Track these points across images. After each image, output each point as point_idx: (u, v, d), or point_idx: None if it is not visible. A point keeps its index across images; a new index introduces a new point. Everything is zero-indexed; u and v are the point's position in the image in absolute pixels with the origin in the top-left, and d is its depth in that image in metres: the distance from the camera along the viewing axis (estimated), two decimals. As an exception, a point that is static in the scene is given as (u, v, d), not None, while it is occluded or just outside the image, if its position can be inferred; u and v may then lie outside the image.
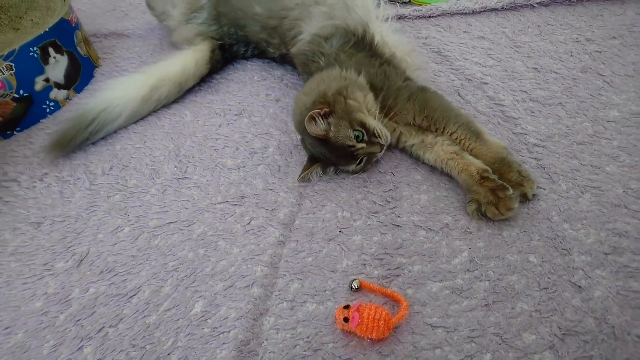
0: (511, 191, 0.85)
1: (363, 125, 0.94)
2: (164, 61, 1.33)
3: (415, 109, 1.00)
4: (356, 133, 0.94)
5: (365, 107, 0.98)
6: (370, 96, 1.00)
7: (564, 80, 1.16)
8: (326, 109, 0.94)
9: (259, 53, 1.42)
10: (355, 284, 0.79)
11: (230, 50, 1.42)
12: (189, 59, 1.33)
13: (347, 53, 1.08)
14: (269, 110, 1.24)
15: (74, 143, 1.18)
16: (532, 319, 0.72)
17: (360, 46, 1.10)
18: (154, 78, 1.27)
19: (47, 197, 1.09)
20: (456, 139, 0.96)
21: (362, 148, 0.95)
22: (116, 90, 1.24)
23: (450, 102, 1.04)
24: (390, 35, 1.16)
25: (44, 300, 0.87)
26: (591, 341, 0.68)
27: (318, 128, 0.93)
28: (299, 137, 1.08)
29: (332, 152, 0.96)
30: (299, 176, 1.00)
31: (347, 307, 0.74)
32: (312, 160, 1.00)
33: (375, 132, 0.95)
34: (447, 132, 0.97)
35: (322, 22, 1.16)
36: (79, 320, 0.83)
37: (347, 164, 0.98)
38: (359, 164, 0.98)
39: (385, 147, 0.97)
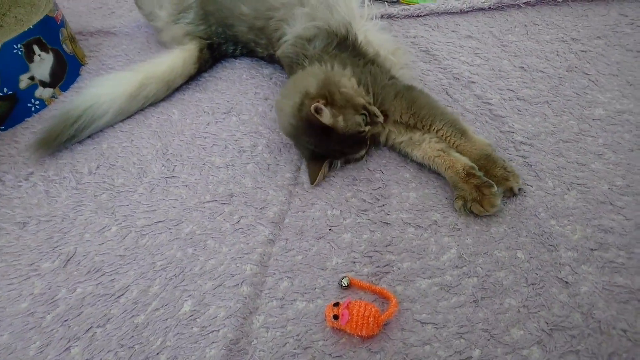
0: (495, 188, 0.86)
1: (365, 108, 0.96)
2: (152, 60, 1.32)
3: (403, 106, 1.00)
4: (362, 117, 0.95)
5: (355, 91, 0.98)
6: (353, 80, 1.00)
7: (550, 79, 1.17)
8: (324, 101, 0.93)
9: (248, 52, 1.42)
10: (344, 282, 0.79)
11: (219, 49, 1.41)
12: (177, 58, 1.32)
13: (331, 54, 1.08)
14: (258, 109, 1.24)
15: (59, 141, 1.16)
16: (520, 315, 0.73)
17: (343, 46, 1.10)
18: (141, 75, 1.25)
19: (32, 197, 1.07)
20: (442, 135, 0.97)
21: (369, 130, 0.97)
22: (103, 87, 1.22)
23: (437, 100, 1.05)
24: (374, 34, 1.16)
25: (30, 300, 0.86)
26: (578, 336, 0.69)
27: (330, 118, 0.92)
28: (290, 141, 1.08)
29: (343, 142, 0.95)
30: (313, 182, 0.98)
31: (336, 304, 0.74)
32: (316, 160, 0.98)
33: (374, 112, 0.97)
34: (434, 130, 0.98)
35: (304, 24, 1.15)
36: (66, 320, 0.81)
37: (359, 151, 0.99)
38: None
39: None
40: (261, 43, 1.31)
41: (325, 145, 0.96)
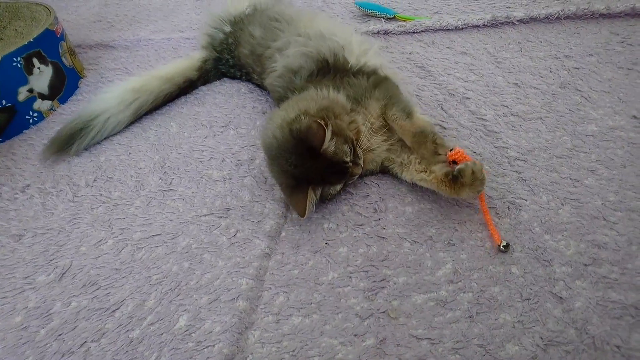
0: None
1: (352, 143, 0.94)
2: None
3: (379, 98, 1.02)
4: (349, 149, 0.93)
5: (347, 125, 0.97)
6: (346, 118, 0.98)
7: (543, 95, 1.19)
8: (323, 122, 0.90)
9: (249, 78, 1.43)
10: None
11: (226, 65, 1.42)
12: (180, 63, 1.40)
13: (315, 82, 1.07)
14: (256, 122, 1.25)
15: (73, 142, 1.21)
16: (515, 330, 0.73)
17: (325, 71, 1.09)
18: (144, 77, 1.33)
19: (29, 209, 1.07)
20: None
21: (351, 167, 0.94)
22: (107, 91, 1.28)
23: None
24: (368, 59, 1.15)
25: (24, 314, 0.85)
26: (572, 351, 0.69)
27: (329, 139, 0.89)
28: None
29: (326, 169, 0.91)
30: (304, 214, 0.89)
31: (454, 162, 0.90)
32: (297, 187, 0.91)
33: (359, 153, 0.96)
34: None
35: (294, 49, 1.15)
36: (60, 335, 0.81)
37: (339, 182, 0.95)
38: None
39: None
40: (256, 70, 1.32)
41: (307, 167, 0.90)
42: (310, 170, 0.90)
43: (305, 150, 0.89)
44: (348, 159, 0.93)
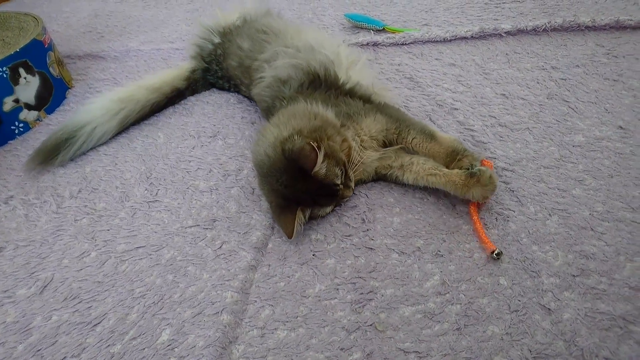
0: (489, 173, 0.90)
1: (344, 166, 0.93)
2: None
3: (382, 125, 1.02)
4: (340, 172, 0.92)
5: (340, 147, 0.96)
6: (338, 138, 0.96)
7: (531, 106, 1.20)
8: (315, 144, 0.88)
9: (237, 90, 1.43)
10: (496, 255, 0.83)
11: (214, 76, 1.42)
12: (168, 73, 1.38)
13: (305, 94, 1.06)
14: (245, 133, 1.24)
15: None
16: (503, 342, 0.72)
17: (317, 84, 1.08)
18: (132, 87, 1.32)
19: (11, 221, 1.05)
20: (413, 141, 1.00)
21: (341, 190, 0.94)
22: (94, 102, 1.26)
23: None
24: (356, 72, 1.14)
25: (1, 329, 0.83)
26: (561, 364, 0.68)
27: (321, 162, 0.87)
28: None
29: (316, 191, 0.90)
30: (292, 235, 0.89)
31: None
32: (286, 207, 0.91)
33: (350, 175, 0.95)
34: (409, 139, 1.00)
35: (283, 61, 1.14)
36: (39, 350, 0.79)
37: (329, 204, 0.95)
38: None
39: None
40: (245, 82, 1.32)
41: (297, 188, 0.89)
42: (301, 191, 0.90)
43: (297, 171, 0.88)
44: (339, 182, 0.92)
